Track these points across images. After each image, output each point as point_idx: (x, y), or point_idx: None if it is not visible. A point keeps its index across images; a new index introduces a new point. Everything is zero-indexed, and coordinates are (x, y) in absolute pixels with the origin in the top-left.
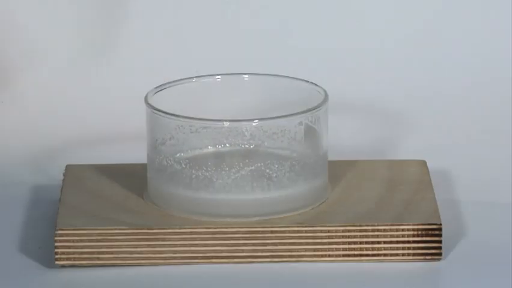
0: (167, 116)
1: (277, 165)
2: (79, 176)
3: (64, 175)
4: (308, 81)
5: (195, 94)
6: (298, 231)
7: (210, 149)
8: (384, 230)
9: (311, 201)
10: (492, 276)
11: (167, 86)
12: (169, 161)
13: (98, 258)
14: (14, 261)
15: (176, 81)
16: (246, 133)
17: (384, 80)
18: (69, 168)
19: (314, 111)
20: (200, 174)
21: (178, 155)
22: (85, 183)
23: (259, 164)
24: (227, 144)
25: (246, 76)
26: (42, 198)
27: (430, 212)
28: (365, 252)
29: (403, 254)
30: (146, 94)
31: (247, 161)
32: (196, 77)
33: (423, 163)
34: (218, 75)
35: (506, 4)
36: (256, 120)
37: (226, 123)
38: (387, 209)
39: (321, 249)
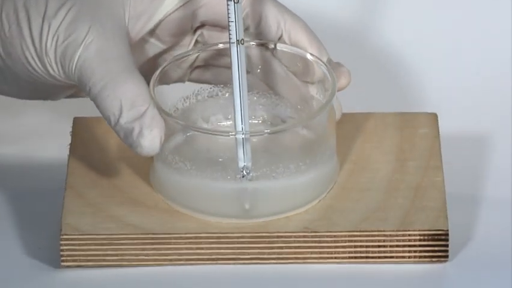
0: (174, 120)
1: (281, 165)
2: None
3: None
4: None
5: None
6: (304, 236)
7: (216, 152)
8: (391, 236)
9: (318, 193)
10: (498, 276)
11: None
12: (174, 159)
13: (104, 260)
14: (19, 261)
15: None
16: (254, 141)
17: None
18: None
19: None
20: (205, 175)
21: (183, 156)
22: (91, 158)
23: (264, 170)
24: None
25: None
26: (47, 184)
27: (437, 213)
28: (371, 255)
29: (409, 257)
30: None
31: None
32: None
33: (434, 118)
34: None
35: None
36: (267, 131)
37: (232, 134)
38: (394, 205)
39: (327, 253)
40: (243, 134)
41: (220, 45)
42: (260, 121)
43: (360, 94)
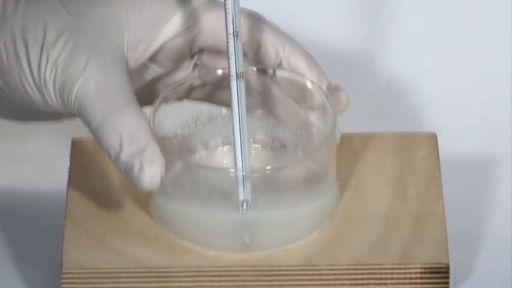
0: (174, 156)
1: (282, 197)
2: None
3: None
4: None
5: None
6: (304, 270)
7: (216, 189)
8: (392, 269)
9: (318, 224)
10: None
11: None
12: (174, 191)
13: None
14: None
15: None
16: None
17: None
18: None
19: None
20: (205, 207)
21: (182, 187)
22: (91, 185)
23: (265, 202)
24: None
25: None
26: (47, 212)
27: (438, 245)
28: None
29: None
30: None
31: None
32: None
33: (433, 139)
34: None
35: None
36: (268, 168)
37: (232, 172)
38: (394, 236)
39: (328, 285)
40: (243, 171)
41: (220, 71)
42: (260, 146)
43: (359, 115)
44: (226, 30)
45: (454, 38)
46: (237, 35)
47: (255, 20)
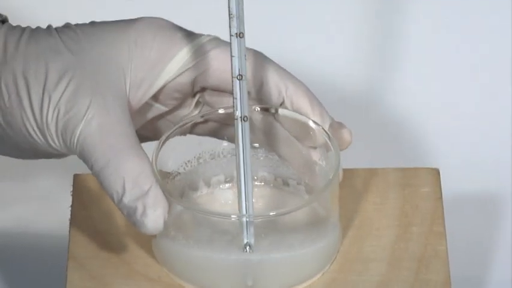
0: (177, 201)
1: (285, 240)
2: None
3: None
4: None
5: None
6: None
7: (219, 231)
8: None
9: (321, 266)
10: None
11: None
12: (176, 234)
13: None
14: None
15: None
16: (258, 221)
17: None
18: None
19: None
20: (207, 249)
21: (184, 228)
22: (93, 224)
23: (268, 245)
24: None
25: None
26: (51, 247)
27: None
28: None
29: None
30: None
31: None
32: None
33: (436, 175)
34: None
35: None
36: (272, 213)
37: (235, 217)
38: (398, 278)
39: None
40: (247, 217)
41: (222, 110)
42: (262, 183)
43: (361, 150)
44: (232, 73)
45: (456, 76)
46: (241, 78)
47: (258, 58)
